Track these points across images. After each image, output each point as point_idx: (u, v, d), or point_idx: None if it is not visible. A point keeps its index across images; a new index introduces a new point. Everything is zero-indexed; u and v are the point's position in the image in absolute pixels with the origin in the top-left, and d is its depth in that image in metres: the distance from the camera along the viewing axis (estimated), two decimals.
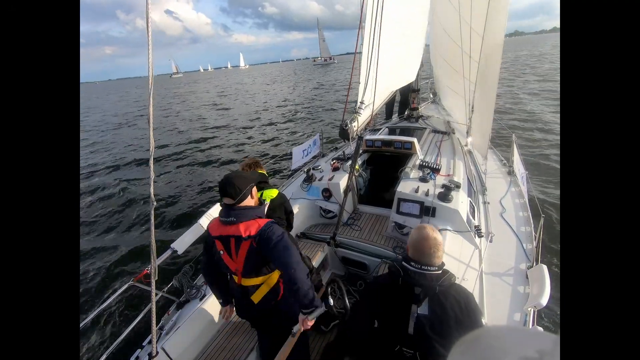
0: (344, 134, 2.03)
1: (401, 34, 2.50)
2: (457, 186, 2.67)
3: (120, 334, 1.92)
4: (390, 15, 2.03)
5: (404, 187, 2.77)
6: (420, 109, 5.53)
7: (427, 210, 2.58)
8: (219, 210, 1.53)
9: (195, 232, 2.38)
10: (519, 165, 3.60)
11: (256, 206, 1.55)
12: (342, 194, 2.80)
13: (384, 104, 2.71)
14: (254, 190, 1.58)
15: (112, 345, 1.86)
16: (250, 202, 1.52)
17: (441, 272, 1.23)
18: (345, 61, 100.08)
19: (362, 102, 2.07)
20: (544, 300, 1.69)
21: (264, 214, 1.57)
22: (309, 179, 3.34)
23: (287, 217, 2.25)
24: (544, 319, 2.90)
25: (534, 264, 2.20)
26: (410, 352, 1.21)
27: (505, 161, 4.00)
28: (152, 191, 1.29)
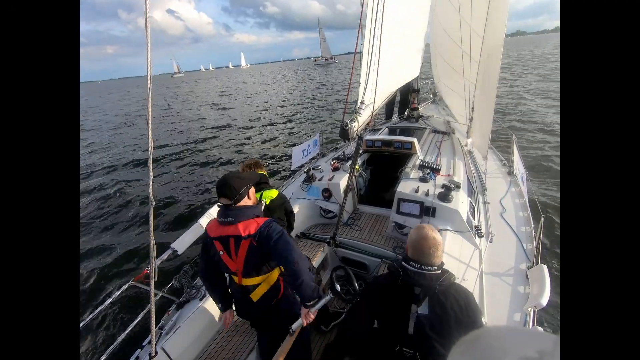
0: (344, 134, 2.03)
1: (401, 34, 2.50)
2: (457, 186, 2.66)
3: (120, 334, 1.91)
4: (390, 15, 2.03)
5: (404, 187, 2.77)
6: (420, 109, 5.52)
7: (427, 210, 2.57)
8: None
9: (195, 232, 2.37)
10: (519, 165, 3.60)
11: (254, 205, 1.55)
12: (342, 194, 2.80)
13: (384, 104, 2.71)
14: (252, 190, 1.57)
15: (112, 345, 1.86)
16: (247, 202, 1.52)
17: (441, 271, 1.23)
18: (346, 61, 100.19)
19: (362, 102, 2.07)
20: (544, 300, 1.69)
21: (262, 213, 1.57)
22: (309, 179, 3.34)
23: (287, 217, 2.24)
24: (545, 323, 2.89)
25: (534, 264, 2.20)
26: (410, 352, 1.21)
27: (505, 161, 3.99)
28: (151, 191, 1.29)
